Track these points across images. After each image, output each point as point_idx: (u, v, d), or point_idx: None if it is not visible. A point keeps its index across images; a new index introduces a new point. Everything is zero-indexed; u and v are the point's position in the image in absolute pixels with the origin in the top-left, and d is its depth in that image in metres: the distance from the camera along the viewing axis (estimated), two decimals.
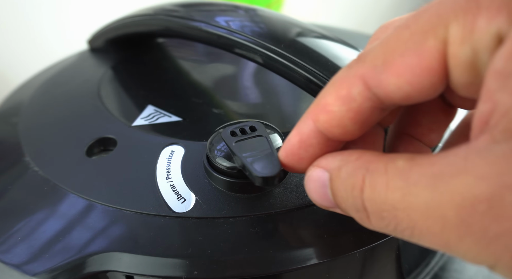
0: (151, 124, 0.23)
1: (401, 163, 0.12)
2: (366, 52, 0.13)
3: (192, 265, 0.16)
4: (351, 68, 0.13)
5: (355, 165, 0.13)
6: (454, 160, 0.11)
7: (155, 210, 0.18)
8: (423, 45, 0.11)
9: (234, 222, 0.17)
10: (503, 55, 0.10)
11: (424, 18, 0.12)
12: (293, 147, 0.15)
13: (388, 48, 0.12)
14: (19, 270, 0.17)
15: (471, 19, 0.10)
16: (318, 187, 0.14)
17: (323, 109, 0.14)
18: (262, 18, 0.24)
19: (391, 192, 0.12)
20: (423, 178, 0.11)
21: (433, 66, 0.11)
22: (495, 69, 0.10)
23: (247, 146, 0.17)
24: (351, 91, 0.13)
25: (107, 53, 0.32)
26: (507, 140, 0.10)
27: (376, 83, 0.12)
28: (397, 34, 0.12)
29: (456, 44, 0.11)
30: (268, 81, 0.29)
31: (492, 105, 0.10)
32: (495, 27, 0.10)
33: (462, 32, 0.11)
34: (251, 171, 0.16)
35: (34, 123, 0.24)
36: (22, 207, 0.19)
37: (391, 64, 0.12)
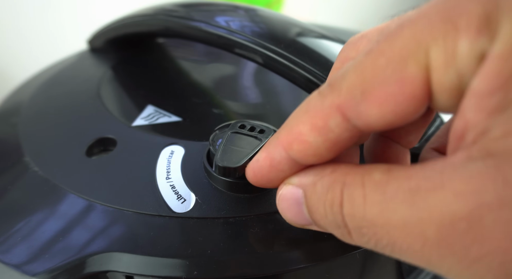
0: (151, 124, 0.23)
1: (378, 175, 0.12)
2: (340, 80, 0.12)
3: (192, 265, 0.16)
4: (326, 97, 0.12)
5: (330, 179, 0.13)
6: (431, 174, 0.10)
7: (155, 210, 0.18)
8: (403, 72, 0.11)
9: (234, 222, 0.17)
10: (481, 75, 0.10)
11: (400, 43, 0.11)
12: (263, 169, 0.15)
13: (365, 76, 0.11)
14: (19, 270, 0.17)
15: (452, 43, 0.10)
16: (291, 205, 0.14)
17: (297, 138, 0.13)
18: (262, 18, 0.24)
19: (369, 206, 0.11)
20: (400, 192, 0.11)
21: (416, 94, 0.11)
22: (473, 88, 0.10)
23: (237, 140, 0.17)
24: (328, 123, 0.12)
25: (107, 53, 0.32)
26: (484, 158, 0.10)
27: (355, 115, 0.12)
28: (372, 60, 0.11)
29: (439, 70, 0.10)
30: (268, 81, 0.29)
31: (465, 122, 0.10)
32: (477, 48, 0.10)
33: (444, 57, 0.10)
34: (216, 157, 0.16)
35: (34, 123, 0.24)
36: (22, 207, 0.19)
37: (370, 94, 0.11)
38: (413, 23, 0.11)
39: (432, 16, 0.10)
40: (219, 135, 0.19)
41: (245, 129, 0.18)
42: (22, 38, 0.49)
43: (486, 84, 0.10)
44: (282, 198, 0.14)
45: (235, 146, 0.17)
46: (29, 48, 0.49)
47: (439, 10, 0.10)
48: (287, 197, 0.14)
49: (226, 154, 0.17)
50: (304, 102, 0.13)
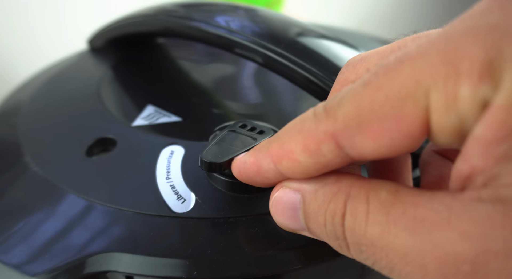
0: (151, 124, 0.23)
1: (384, 194, 0.11)
2: (336, 106, 0.12)
3: (192, 265, 0.16)
4: (321, 122, 0.12)
5: (334, 188, 0.12)
6: (439, 207, 0.10)
7: (155, 210, 0.18)
8: (401, 111, 0.10)
9: (234, 222, 0.17)
10: (485, 123, 0.10)
11: (399, 81, 0.11)
12: (249, 173, 0.15)
13: (362, 109, 0.11)
14: (18, 270, 0.17)
15: (453, 87, 0.10)
16: (287, 209, 0.14)
17: (287, 156, 0.13)
18: (262, 18, 0.24)
19: (371, 225, 0.11)
20: (404, 218, 0.11)
21: (414, 132, 0.11)
22: (477, 135, 0.10)
23: (232, 138, 0.17)
24: (321, 147, 0.12)
25: (107, 53, 0.32)
26: (494, 203, 0.10)
27: (349, 145, 0.12)
28: (370, 94, 0.11)
29: (439, 113, 0.10)
30: (268, 81, 0.29)
31: (472, 167, 0.10)
32: (480, 95, 0.10)
33: (445, 101, 0.10)
34: (202, 152, 0.16)
35: (34, 123, 0.24)
36: (22, 207, 0.19)
37: (367, 127, 0.11)
38: (413, 60, 0.11)
39: (432, 56, 0.10)
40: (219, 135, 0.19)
41: (245, 129, 0.18)
42: (22, 38, 0.49)
43: (491, 133, 0.10)
44: (277, 201, 0.14)
45: (227, 143, 0.17)
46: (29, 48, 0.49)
47: (439, 49, 0.10)
48: (283, 200, 0.14)
49: (215, 150, 0.17)
50: (298, 120, 0.13)
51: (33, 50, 0.49)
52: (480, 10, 0.10)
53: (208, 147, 0.17)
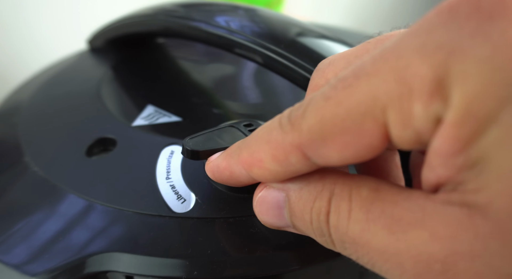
0: (151, 124, 0.23)
1: (365, 191, 0.12)
2: (300, 119, 0.12)
3: (192, 265, 0.16)
4: (287, 134, 0.12)
5: (318, 186, 0.13)
6: (414, 207, 0.11)
7: (155, 210, 0.18)
8: (362, 127, 0.11)
9: (234, 222, 0.17)
10: (441, 138, 0.10)
11: (357, 97, 0.11)
12: (223, 176, 0.15)
13: (324, 123, 0.11)
14: (19, 270, 0.17)
15: (407, 105, 0.10)
16: (272, 208, 0.14)
17: (257, 164, 0.13)
18: (262, 18, 0.24)
19: (352, 223, 0.12)
20: (382, 216, 0.11)
21: (376, 144, 0.11)
22: (436, 149, 0.10)
23: (227, 133, 0.17)
24: (289, 158, 0.12)
25: (107, 53, 0.32)
26: (461, 206, 0.10)
27: (315, 156, 0.12)
28: (331, 109, 0.11)
29: (397, 128, 0.11)
30: (268, 81, 0.29)
31: (438, 176, 0.11)
32: (432, 112, 0.10)
33: (401, 118, 0.10)
34: (186, 138, 0.17)
35: (34, 123, 0.24)
36: (22, 207, 0.19)
37: (331, 141, 0.11)
38: (368, 77, 0.11)
39: (386, 74, 0.11)
40: None
41: (247, 128, 0.18)
42: (22, 38, 0.49)
43: (448, 147, 0.10)
44: (262, 201, 0.14)
45: (218, 135, 0.17)
46: (29, 48, 0.49)
47: (392, 67, 0.11)
48: (268, 199, 0.14)
49: (201, 138, 0.17)
50: (266, 129, 0.13)
51: (33, 50, 0.49)
52: (427, 27, 0.11)
53: (198, 134, 0.17)
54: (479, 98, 0.09)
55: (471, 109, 0.09)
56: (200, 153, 0.16)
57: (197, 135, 0.17)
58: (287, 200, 0.14)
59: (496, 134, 0.09)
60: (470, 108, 0.09)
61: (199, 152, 0.16)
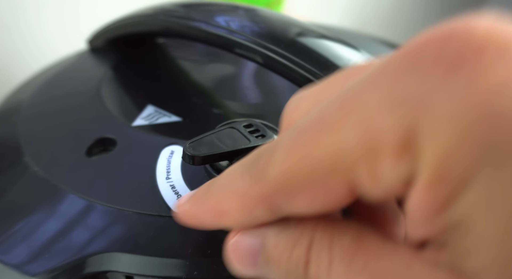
0: (151, 124, 0.23)
1: (348, 240, 0.11)
2: (265, 170, 0.11)
3: (192, 265, 0.16)
4: (251, 186, 0.12)
5: (297, 231, 0.12)
6: (399, 265, 0.10)
7: (155, 210, 0.18)
8: (328, 183, 0.10)
9: None
10: (415, 200, 0.09)
11: (320, 153, 0.10)
12: (192, 223, 0.14)
13: (289, 177, 0.11)
14: (19, 270, 0.17)
15: (374, 163, 0.09)
16: (246, 255, 0.13)
17: (223, 215, 0.13)
18: (262, 18, 0.24)
19: (333, 276, 0.11)
20: (365, 271, 0.10)
21: (342, 198, 0.11)
22: (412, 211, 0.10)
23: (228, 135, 0.17)
24: (254, 210, 0.12)
25: (107, 53, 0.32)
26: (449, 272, 0.09)
27: (283, 208, 0.11)
28: (295, 162, 0.11)
29: (366, 186, 0.10)
30: (268, 81, 0.29)
31: (421, 235, 0.10)
32: (402, 171, 0.09)
33: (369, 176, 0.10)
34: (187, 143, 0.17)
35: (34, 123, 0.24)
36: (22, 207, 0.19)
37: (297, 195, 0.11)
38: (331, 131, 0.10)
39: (349, 129, 0.10)
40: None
41: (247, 129, 0.18)
42: (22, 38, 0.49)
43: (424, 209, 0.09)
44: (235, 247, 0.13)
45: (218, 139, 0.17)
46: (29, 48, 0.49)
47: (355, 122, 0.10)
48: (241, 246, 0.13)
49: (202, 142, 0.17)
50: (230, 178, 0.13)
51: (33, 50, 0.49)
52: (389, 76, 0.10)
53: (198, 138, 0.17)
54: (452, 158, 0.09)
55: (445, 169, 0.09)
56: (201, 158, 0.16)
57: (197, 139, 0.17)
58: (263, 246, 0.12)
59: (475, 197, 0.08)
60: (444, 168, 0.09)
61: (200, 157, 0.16)
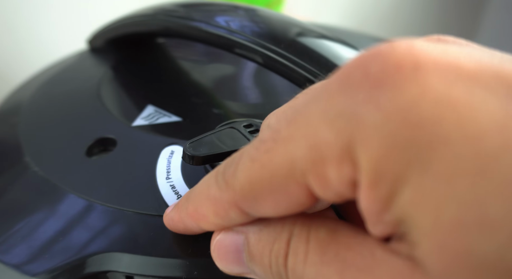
0: (151, 124, 0.23)
1: (323, 233, 0.12)
2: (232, 178, 0.12)
3: (192, 265, 0.16)
4: (223, 192, 0.13)
5: (278, 227, 0.13)
6: (365, 253, 0.11)
7: (155, 210, 0.18)
8: (287, 188, 0.11)
9: None
10: (362, 200, 0.10)
11: (278, 161, 0.11)
12: (179, 229, 0.15)
13: (253, 184, 0.12)
14: (19, 270, 0.17)
15: (322, 170, 0.10)
16: (230, 252, 0.14)
17: (202, 219, 0.14)
18: (262, 18, 0.24)
19: (308, 266, 0.12)
20: (336, 260, 0.11)
21: (303, 202, 0.11)
22: (363, 209, 0.11)
23: (228, 135, 0.17)
24: (228, 213, 0.13)
25: (107, 53, 0.32)
26: (406, 259, 0.10)
27: (252, 211, 0.12)
28: (257, 170, 0.12)
29: (319, 190, 0.11)
30: (268, 81, 0.29)
31: (379, 232, 0.11)
32: (345, 177, 0.10)
33: (319, 182, 0.11)
34: (187, 143, 0.17)
35: (34, 123, 0.24)
36: (22, 207, 0.19)
37: (262, 199, 0.12)
38: (284, 142, 0.11)
39: (299, 140, 0.11)
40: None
41: (247, 129, 0.18)
42: (22, 38, 0.49)
43: (373, 207, 0.10)
44: (220, 245, 0.14)
45: (218, 139, 0.17)
46: (29, 48, 0.49)
47: (303, 134, 0.11)
48: (226, 243, 0.14)
49: (202, 142, 0.17)
50: (206, 185, 0.14)
51: (33, 50, 0.49)
52: (328, 93, 0.11)
53: (198, 138, 0.17)
54: (384, 162, 0.10)
55: (379, 172, 0.10)
56: (201, 158, 0.16)
57: (197, 139, 0.17)
58: (246, 242, 0.13)
59: (409, 195, 0.09)
60: (378, 172, 0.10)
61: (200, 158, 0.16)
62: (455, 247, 0.09)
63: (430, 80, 0.10)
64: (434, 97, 0.09)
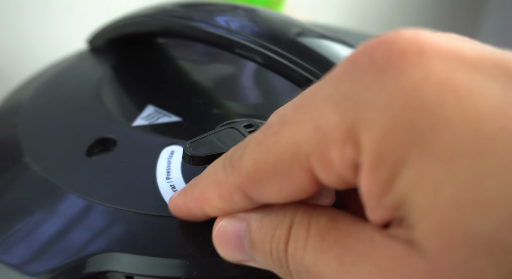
0: (151, 124, 0.23)
1: (324, 220, 0.12)
2: (238, 161, 0.13)
3: (192, 265, 0.16)
4: (229, 175, 0.13)
5: (280, 214, 0.13)
6: (364, 238, 0.11)
7: (155, 210, 0.18)
8: (291, 171, 0.11)
9: None
10: (364, 183, 0.10)
11: (283, 144, 0.11)
12: (182, 213, 0.16)
13: (259, 167, 0.12)
14: (19, 270, 0.17)
15: (325, 152, 0.11)
16: (231, 239, 0.14)
17: (207, 202, 0.14)
18: (262, 18, 0.24)
19: (308, 252, 0.12)
20: (335, 246, 0.11)
21: (306, 186, 0.12)
22: (363, 193, 0.11)
23: (228, 135, 0.17)
24: (233, 197, 0.13)
25: (107, 53, 0.32)
26: (404, 242, 0.10)
27: (256, 195, 0.13)
28: (263, 154, 0.12)
29: (322, 173, 0.11)
30: (268, 81, 0.29)
31: (380, 217, 0.11)
32: (348, 158, 0.10)
33: (323, 164, 0.11)
34: (187, 143, 0.17)
35: (34, 123, 0.24)
36: (22, 207, 0.19)
37: (266, 183, 0.12)
38: (290, 125, 0.12)
39: (304, 123, 0.11)
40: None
41: (247, 129, 0.18)
42: (21, 38, 0.49)
43: (373, 190, 0.10)
44: (221, 231, 0.14)
45: (218, 139, 0.17)
46: (29, 48, 0.49)
47: (308, 117, 0.11)
48: (228, 230, 0.14)
49: (202, 142, 0.17)
50: (213, 169, 0.14)
51: (32, 50, 0.49)
52: (335, 79, 0.11)
53: (198, 138, 0.17)
54: (386, 144, 0.10)
55: (381, 154, 0.10)
56: (201, 158, 0.16)
57: (197, 139, 0.17)
58: (248, 229, 0.13)
59: (409, 176, 0.10)
60: (380, 153, 0.10)
61: (200, 158, 0.16)
62: (452, 226, 0.09)
63: (433, 65, 0.10)
64: (436, 82, 0.10)
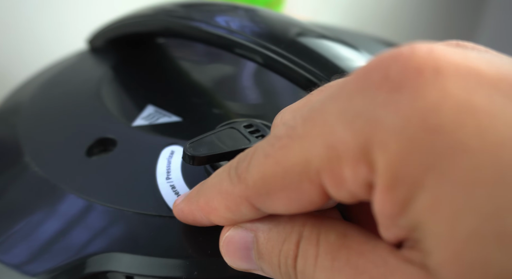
0: (151, 124, 0.23)
1: (333, 237, 0.12)
2: (245, 172, 0.12)
3: (192, 265, 0.16)
4: (235, 186, 0.13)
5: (288, 227, 0.13)
6: (378, 261, 0.11)
7: (155, 210, 0.18)
8: (300, 185, 0.11)
9: None
10: (377, 203, 0.10)
11: (292, 158, 0.11)
12: (188, 220, 0.15)
13: (267, 180, 0.12)
14: (19, 270, 0.17)
15: (337, 169, 0.10)
16: (239, 249, 0.14)
17: (213, 212, 0.14)
18: (262, 18, 0.24)
19: (319, 270, 0.11)
20: (347, 266, 0.11)
21: (315, 200, 0.11)
22: (377, 212, 0.10)
23: (228, 135, 0.17)
24: (240, 208, 0.13)
25: (107, 53, 0.32)
26: (420, 268, 0.10)
27: (263, 207, 0.12)
28: (271, 166, 0.12)
29: (333, 189, 0.11)
30: (268, 81, 0.29)
31: (394, 236, 0.11)
32: (361, 177, 0.10)
33: (334, 181, 0.11)
34: (187, 143, 0.17)
35: (34, 123, 0.24)
36: (22, 207, 0.19)
37: (274, 195, 0.12)
38: (300, 139, 0.11)
39: (315, 138, 0.11)
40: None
41: (247, 129, 0.18)
42: (21, 38, 0.49)
43: (388, 211, 0.10)
44: (229, 241, 0.14)
45: (219, 139, 0.17)
46: (29, 48, 0.49)
47: (319, 132, 0.11)
48: (235, 240, 0.14)
49: (202, 142, 0.17)
50: (218, 178, 0.14)
51: (33, 50, 0.49)
52: (346, 93, 0.11)
53: (198, 138, 0.17)
54: (402, 166, 0.10)
55: (396, 176, 0.10)
56: (201, 158, 0.16)
57: (197, 139, 0.17)
58: (255, 241, 0.13)
59: (425, 200, 0.09)
60: (396, 175, 0.10)
61: (200, 158, 0.16)
62: (472, 258, 0.09)
63: (450, 86, 0.10)
64: (454, 103, 0.09)
